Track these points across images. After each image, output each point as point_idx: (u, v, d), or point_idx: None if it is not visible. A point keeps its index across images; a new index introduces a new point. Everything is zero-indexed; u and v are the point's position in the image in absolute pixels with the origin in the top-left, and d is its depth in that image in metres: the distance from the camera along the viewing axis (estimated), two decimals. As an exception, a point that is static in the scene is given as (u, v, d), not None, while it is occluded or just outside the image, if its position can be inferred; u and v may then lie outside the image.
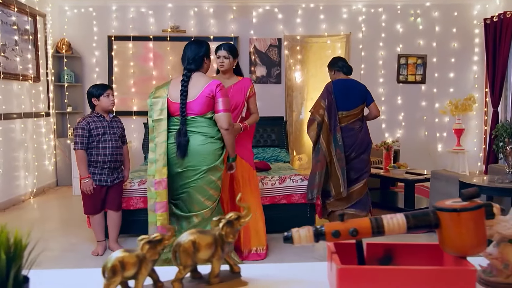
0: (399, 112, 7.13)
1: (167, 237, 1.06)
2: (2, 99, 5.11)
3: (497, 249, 1.11)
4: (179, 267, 1.07)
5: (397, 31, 6.99)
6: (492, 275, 1.11)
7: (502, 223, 1.11)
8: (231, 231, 1.12)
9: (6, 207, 5.19)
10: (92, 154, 3.43)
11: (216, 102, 2.90)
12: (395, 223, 1.06)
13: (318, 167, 4.06)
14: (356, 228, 1.05)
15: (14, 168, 5.44)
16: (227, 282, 1.12)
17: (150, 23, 6.77)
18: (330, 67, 4.36)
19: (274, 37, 6.91)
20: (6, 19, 5.20)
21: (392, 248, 1.17)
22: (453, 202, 1.06)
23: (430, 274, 0.98)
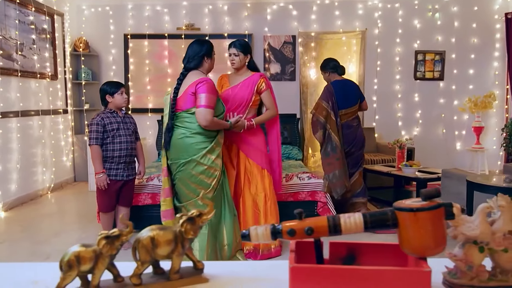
0: (416, 110, 6.99)
1: (125, 233, 1.08)
2: (19, 97, 5.26)
3: (462, 251, 1.08)
4: (137, 263, 1.08)
5: (414, 26, 6.85)
6: (456, 277, 1.09)
7: (467, 224, 1.08)
8: (192, 228, 1.12)
9: (24, 202, 5.35)
10: (108, 150, 3.49)
11: (197, 98, 2.96)
12: (352, 222, 1.05)
13: (337, 166, 4.30)
14: (311, 227, 1.04)
15: (32, 164, 5.60)
16: (188, 278, 1.12)
17: (165, 21, 6.84)
18: (323, 68, 4.59)
19: (288, 34, 6.88)
20: (23, 19, 5.35)
21: (356, 248, 1.15)
22: (412, 202, 1.04)
23: (382, 275, 0.97)
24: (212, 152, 3.02)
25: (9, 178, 5.10)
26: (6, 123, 5.04)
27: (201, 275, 1.14)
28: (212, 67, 3.20)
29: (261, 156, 3.52)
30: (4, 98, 4.97)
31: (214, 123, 2.98)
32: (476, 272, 1.06)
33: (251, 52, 3.59)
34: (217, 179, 3.05)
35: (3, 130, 4.94)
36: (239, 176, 3.53)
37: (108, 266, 1.07)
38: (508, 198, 1.10)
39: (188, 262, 1.17)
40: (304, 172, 4.31)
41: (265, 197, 3.51)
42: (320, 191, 4.11)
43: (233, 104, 3.52)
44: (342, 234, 1.06)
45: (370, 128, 6.77)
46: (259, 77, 3.52)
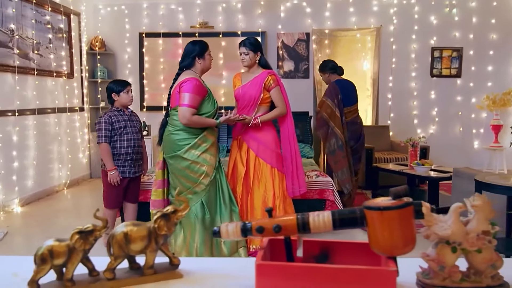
0: (432, 107, 6.88)
1: (98, 228, 1.10)
2: (36, 95, 5.39)
3: (435, 251, 1.07)
4: (111, 258, 1.10)
5: (430, 23, 6.73)
6: (429, 277, 1.07)
7: (440, 223, 1.06)
8: (165, 224, 1.14)
9: (40, 197, 5.49)
10: (115, 147, 3.55)
11: (180, 96, 3.05)
12: (321, 221, 1.04)
13: (344, 163, 4.43)
14: (279, 225, 1.04)
15: (49, 161, 5.73)
16: (162, 273, 1.14)
17: (179, 20, 6.90)
18: (322, 69, 4.73)
19: (302, 31, 6.85)
20: (40, 18, 5.47)
21: (329, 246, 1.15)
22: (382, 200, 1.03)
23: (347, 273, 0.96)
24: (196, 148, 3.08)
25: (26, 174, 5.24)
26: (23, 121, 5.17)
27: (175, 271, 1.15)
28: (206, 67, 3.23)
29: (271, 155, 3.50)
30: (20, 96, 5.10)
31: (195, 122, 3.05)
32: (448, 272, 1.05)
33: (261, 49, 3.57)
34: (206, 174, 3.08)
35: (19, 127, 5.07)
36: (248, 174, 3.53)
37: (83, 261, 1.10)
38: (485, 198, 1.08)
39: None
40: (312, 170, 4.29)
41: (274, 196, 3.50)
42: (328, 189, 4.08)
43: (243, 102, 3.53)
44: (311, 233, 1.06)
45: (384, 126, 6.69)
46: (267, 74, 3.49)
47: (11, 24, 4.89)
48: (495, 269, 1.05)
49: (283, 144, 3.59)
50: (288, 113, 3.59)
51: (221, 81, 6.73)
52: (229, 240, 3.11)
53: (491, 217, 1.07)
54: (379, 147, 6.31)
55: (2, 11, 4.74)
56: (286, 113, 3.56)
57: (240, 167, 3.53)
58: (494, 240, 1.04)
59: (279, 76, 3.61)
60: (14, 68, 4.92)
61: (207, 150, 3.11)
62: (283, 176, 3.55)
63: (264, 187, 3.50)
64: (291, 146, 3.56)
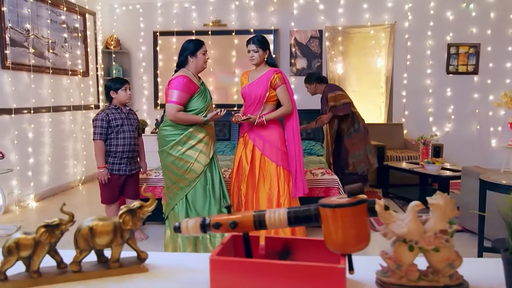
0: (448, 105, 6.74)
1: (64, 222, 1.14)
2: (51, 93, 5.52)
3: (393, 249, 1.07)
4: (77, 251, 1.14)
5: (446, 19, 6.60)
6: (387, 275, 1.07)
7: (398, 222, 1.06)
8: (131, 219, 1.17)
9: (55, 193, 5.64)
10: (112, 145, 3.61)
11: (167, 93, 3.12)
12: (276, 217, 1.05)
13: (360, 145, 4.77)
14: (235, 221, 1.06)
15: (64, 157, 5.87)
16: (127, 267, 1.17)
17: (192, 18, 6.95)
18: (308, 81, 5.00)
19: (315, 28, 6.80)
20: (55, 18, 5.60)
21: (291, 243, 1.16)
22: (338, 198, 1.03)
23: (297, 270, 0.97)
24: (182, 144, 3.13)
25: (41, 170, 5.38)
26: (38, 118, 5.31)
27: (141, 265, 1.18)
28: (200, 66, 3.23)
29: (276, 153, 3.50)
30: (36, 94, 5.23)
31: (181, 118, 3.10)
32: (405, 271, 1.05)
33: (269, 47, 3.57)
34: (191, 171, 3.12)
35: (35, 124, 5.21)
36: (253, 172, 3.54)
37: (51, 253, 1.14)
38: (447, 197, 1.07)
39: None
40: (318, 168, 4.28)
41: (278, 194, 3.50)
42: (334, 187, 4.06)
43: (249, 100, 3.54)
44: (267, 229, 1.07)
45: (397, 124, 6.61)
46: (273, 72, 3.48)
47: (27, 24, 5.03)
48: (453, 268, 1.04)
49: (288, 143, 3.59)
50: (294, 112, 3.57)
51: (234, 79, 6.75)
52: (216, 238, 3.15)
53: (452, 216, 1.07)
54: (392, 145, 6.24)
55: (18, 12, 4.87)
56: (292, 112, 3.55)
57: (245, 165, 3.54)
58: (451, 239, 1.03)
59: (285, 75, 3.60)
60: (29, 67, 5.05)
61: (194, 147, 3.14)
62: (289, 174, 3.54)
63: (269, 185, 3.51)
64: (295, 145, 3.54)
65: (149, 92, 7.16)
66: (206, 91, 3.28)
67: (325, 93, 4.91)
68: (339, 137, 4.90)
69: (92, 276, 1.14)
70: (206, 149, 3.19)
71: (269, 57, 3.53)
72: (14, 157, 4.84)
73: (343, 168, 4.80)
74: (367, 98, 6.94)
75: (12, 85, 4.80)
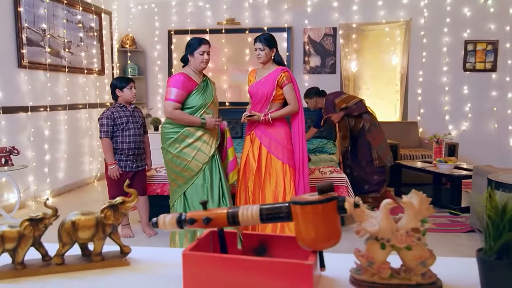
0: (465, 103, 6.62)
1: (48, 217, 1.18)
2: (67, 91, 5.65)
3: (365, 247, 1.07)
4: (60, 244, 1.18)
5: (464, 15, 6.47)
6: (359, 273, 1.08)
7: (370, 219, 1.06)
8: (112, 214, 1.20)
9: (71, 189, 5.76)
10: (118, 142, 3.68)
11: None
12: (249, 214, 1.07)
13: (381, 138, 4.81)
14: (208, 217, 1.08)
15: (80, 154, 6.00)
16: (110, 261, 1.21)
17: (206, 16, 7.00)
18: (308, 96, 5.07)
19: (329, 26, 6.77)
20: (71, 18, 5.72)
21: (267, 239, 1.17)
22: (309, 195, 1.04)
23: (266, 266, 0.98)
24: (180, 142, 3.19)
25: (57, 167, 5.51)
26: (55, 116, 5.44)
27: (122, 259, 1.21)
28: (197, 65, 3.25)
29: (282, 151, 3.51)
30: (52, 92, 5.36)
31: (177, 116, 3.16)
32: (377, 268, 1.05)
33: (276, 45, 3.58)
34: (188, 168, 3.17)
35: (51, 122, 5.34)
36: (260, 169, 3.56)
37: (36, 246, 1.18)
38: (422, 195, 1.07)
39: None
40: (327, 166, 4.27)
41: (284, 191, 3.51)
42: (342, 186, 4.04)
43: (256, 98, 3.56)
44: (240, 225, 1.08)
45: (412, 122, 6.53)
46: (280, 71, 3.49)
47: (43, 24, 5.15)
48: (426, 267, 1.03)
49: (294, 141, 3.59)
50: (300, 111, 3.57)
51: (247, 77, 6.76)
52: None
53: (427, 215, 1.06)
54: (406, 143, 6.16)
55: (34, 12, 5.00)
56: (298, 111, 3.55)
57: (252, 163, 3.57)
58: (423, 237, 1.03)
59: (292, 73, 3.60)
60: (45, 66, 5.18)
61: (191, 145, 3.19)
62: (295, 172, 3.55)
63: (275, 183, 3.52)
64: (300, 144, 3.55)
65: (163, 90, 7.23)
66: (208, 89, 3.30)
67: (330, 101, 4.92)
68: (356, 135, 4.86)
69: (74, 269, 1.17)
70: (205, 147, 3.22)
71: (277, 55, 3.54)
72: (31, 154, 4.97)
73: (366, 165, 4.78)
74: (382, 96, 6.87)
75: (28, 83, 4.93)
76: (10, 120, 4.66)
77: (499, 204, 1.01)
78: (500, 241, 0.98)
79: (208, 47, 3.26)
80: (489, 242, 1.01)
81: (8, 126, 4.64)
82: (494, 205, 1.01)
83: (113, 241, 1.23)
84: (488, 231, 1.01)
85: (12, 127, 4.71)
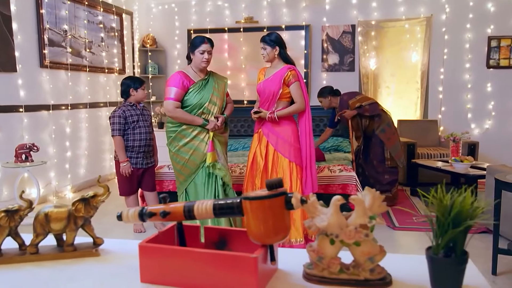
0: (488, 101, 6.43)
1: (23, 208, 1.25)
2: (88, 90, 5.83)
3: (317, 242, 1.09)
4: (33, 235, 1.25)
5: (487, 10, 6.29)
6: (311, 267, 1.10)
7: (321, 215, 1.08)
8: (83, 207, 1.26)
9: (92, 185, 5.95)
10: (128, 140, 3.79)
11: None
12: (203, 208, 1.11)
13: (396, 138, 4.76)
14: (165, 210, 1.12)
15: (100, 151, 6.18)
16: (81, 251, 1.27)
17: (225, 15, 7.07)
18: (322, 95, 4.97)
19: (347, 23, 6.71)
20: (92, 19, 5.90)
21: (227, 233, 1.21)
22: (261, 191, 1.07)
23: (213, 258, 1.02)
24: (178, 141, 3.26)
25: (78, 163, 5.70)
26: (76, 114, 5.63)
27: (93, 250, 1.27)
28: (197, 63, 3.29)
29: (289, 149, 3.52)
30: (73, 91, 5.55)
31: (178, 115, 3.22)
32: (327, 263, 1.07)
33: (280, 44, 3.59)
34: (185, 166, 3.25)
35: (72, 120, 5.53)
36: (267, 167, 3.59)
37: (13, 236, 1.26)
38: (375, 193, 1.08)
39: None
40: (336, 165, 4.25)
41: (290, 189, 3.53)
42: (351, 184, 4.03)
43: (263, 96, 3.59)
44: (196, 219, 1.12)
45: (432, 120, 6.40)
46: (286, 69, 3.51)
47: (65, 25, 5.33)
48: (373, 263, 1.05)
49: (300, 140, 3.60)
50: (307, 109, 3.57)
51: (265, 75, 6.80)
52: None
53: (379, 212, 1.08)
54: (424, 142, 6.05)
55: (56, 13, 5.18)
56: (304, 109, 3.56)
57: (259, 161, 3.60)
58: (371, 233, 1.04)
59: (299, 72, 3.61)
60: (67, 65, 5.36)
61: (188, 144, 3.24)
62: (301, 170, 3.56)
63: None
64: (307, 142, 3.55)
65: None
66: (206, 88, 3.31)
67: (344, 102, 4.87)
68: (370, 135, 4.82)
69: (47, 258, 1.24)
70: (202, 146, 3.25)
71: (282, 54, 3.55)
72: (52, 151, 5.17)
73: (377, 164, 4.74)
74: (402, 94, 6.76)
75: (50, 82, 5.12)
76: (32, 118, 4.86)
77: (448, 203, 1.02)
78: (445, 239, 0.99)
79: (209, 47, 3.29)
80: (436, 240, 1.01)
81: (31, 124, 4.84)
82: (443, 205, 1.02)
83: (86, 232, 1.30)
84: (435, 230, 1.01)
85: (34, 124, 4.90)
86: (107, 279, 1.12)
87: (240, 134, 6.59)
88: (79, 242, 1.32)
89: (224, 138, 3.59)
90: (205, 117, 3.29)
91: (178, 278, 1.05)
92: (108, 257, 1.27)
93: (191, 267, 1.04)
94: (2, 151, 4.45)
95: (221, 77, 3.55)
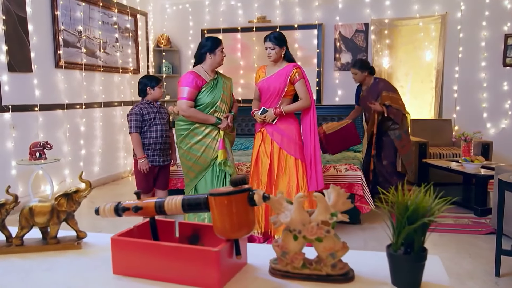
0: (505, 100, 6.31)
1: (9, 203, 1.31)
2: (102, 89, 5.96)
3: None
4: (18, 227, 1.31)
5: (504, 7, 6.17)
6: (276, 262, 1.13)
7: (286, 212, 1.11)
8: (66, 202, 1.32)
9: (106, 182, 6.08)
10: (145, 137, 3.85)
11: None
12: (173, 204, 1.15)
13: (408, 147, 4.63)
14: (137, 206, 1.17)
15: (115, 149, 6.31)
16: (63, 243, 1.33)
17: (238, 15, 7.12)
18: (363, 68, 4.65)
19: (360, 22, 6.68)
20: (107, 20, 6.02)
21: (200, 228, 1.25)
22: (226, 188, 1.10)
23: (178, 251, 1.06)
24: (190, 138, 3.34)
25: (93, 161, 5.84)
26: (91, 113, 5.76)
27: (75, 243, 1.33)
28: (216, 63, 3.39)
29: (294, 147, 3.56)
30: (88, 90, 5.68)
31: (192, 114, 3.32)
32: (290, 258, 1.10)
33: (286, 44, 3.63)
34: (196, 163, 3.33)
35: (87, 119, 5.66)
36: (272, 165, 3.62)
37: (0, 229, 1.32)
38: (339, 190, 1.10)
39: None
40: (345, 164, 4.24)
41: (297, 186, 3.56)
42: (357, 184, 4.02)
43: (267, 94, 3.62)
44: (167, 214, 1.17)
45: (446, 120, 6.31)
46: (292, 67, 3.54)
47: (79, 26, 5.47)
48: (335, 258, 1.07)
49: (305, 137, 3.61)
50: (312, 106, 3.59)
51: (278, 74, 6.82)
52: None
53: (343, 209, 1.10)
54: (437, 142, 5.98)
55: (71, 15, 5.32)
56: (310, 106, 3.58)
57: (265, 159, 3.63)
58: (332, 230, 1.07)
59: (303, 69, 3.63)
60: (81, 66, 5.50)
61: (200, 141, 3.31)
62: (307, 166, 3.58)
63: (288, 179, 3.57)
64: (311, 140, 3.56)
65: (197, 88, 7.44)
66: (217, 87, 3.40)
67: (379, 88, 4.62)
68: (383, 134, 4.68)
69: (31, 250, 1.31)
70: (213, 144, 3.35)
71: (287, 53, 3.58)
72: (67, 149, 5.31)
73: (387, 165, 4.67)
74: (416, 93, 6.69)
75: (65, 82, 5.26)
76: (47, 117, 5.00)
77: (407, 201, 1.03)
78: (402, 235, 1.00)
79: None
80: (395, 237, 1.03)
81: (46, 123, 4.98)
82: (401, 203, 1.03)
83: (70, 226, 1.36)
84: (394, 228, 1.03)
85: (49, 123, 5.05)
86: (82, 270, 1.17)
87: (251, 133, 6.62)
88: (64, 235, 1.38)
89: (232, 136, 3.69)
90: (217, 116, 3.39)
91: (147, 271, 1.09)
92: (89, 250, 1.32)
93: (159, 260, 1.08)
94: (19, 149, 4.59)
95: (227, 77, 3.63)
